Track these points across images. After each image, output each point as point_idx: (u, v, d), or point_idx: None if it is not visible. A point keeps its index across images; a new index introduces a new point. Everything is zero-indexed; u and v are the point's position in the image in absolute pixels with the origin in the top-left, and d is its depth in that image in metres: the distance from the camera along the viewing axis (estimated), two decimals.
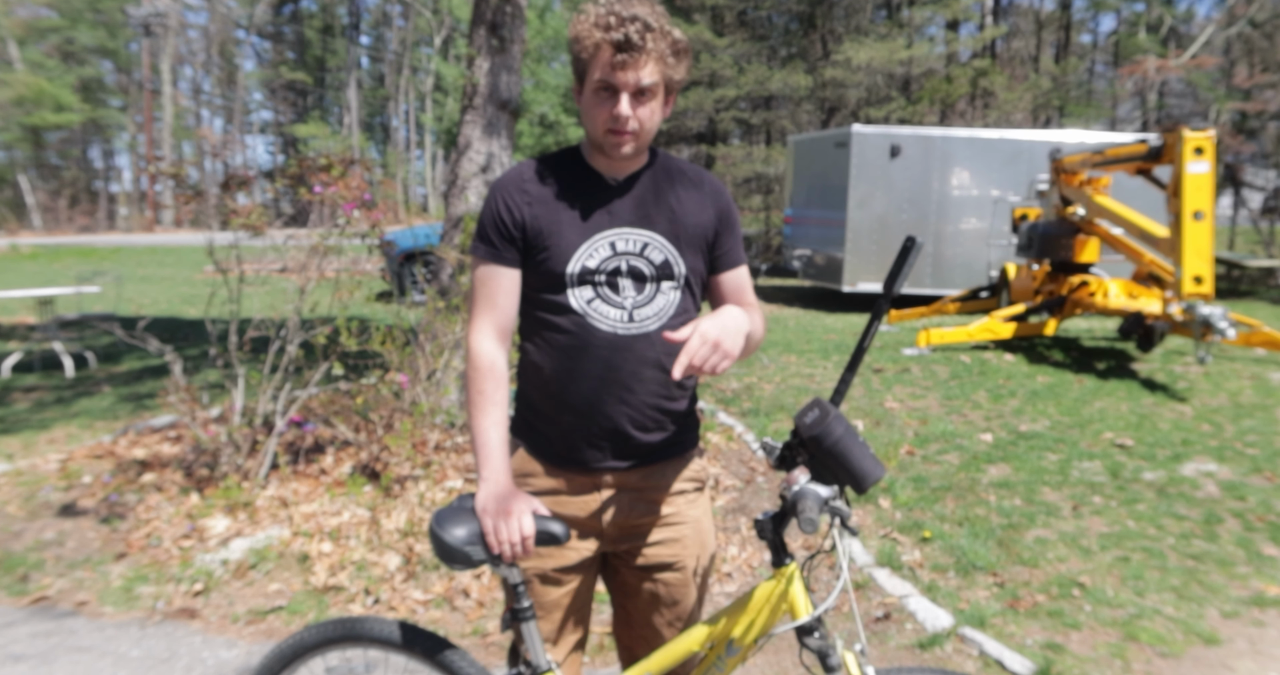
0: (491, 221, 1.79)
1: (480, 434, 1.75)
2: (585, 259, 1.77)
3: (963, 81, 22.07)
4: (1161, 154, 7.43)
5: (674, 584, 1.94)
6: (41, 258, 21.72)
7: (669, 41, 1.69)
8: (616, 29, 1.64)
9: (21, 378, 7.78)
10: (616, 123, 1.70)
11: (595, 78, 1.69)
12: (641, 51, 1.65)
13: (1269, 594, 3.66)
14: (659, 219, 1.82)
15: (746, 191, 23.65)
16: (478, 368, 1.78)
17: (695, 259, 1.85)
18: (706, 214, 1.87)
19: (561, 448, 1.84)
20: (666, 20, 1.70)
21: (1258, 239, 18.37)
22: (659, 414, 1.85)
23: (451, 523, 1.69)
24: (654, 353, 1.80)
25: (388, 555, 3.90)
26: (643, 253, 1.80)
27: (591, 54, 1.69)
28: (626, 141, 1.73)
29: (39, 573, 3.91)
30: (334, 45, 51.09)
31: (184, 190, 4.79)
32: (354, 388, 5.10)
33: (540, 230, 1.77)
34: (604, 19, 1.66)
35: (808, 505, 1.58)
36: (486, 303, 1.80)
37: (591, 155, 1.82)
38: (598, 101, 1.71)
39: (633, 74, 1.67)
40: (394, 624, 1.87)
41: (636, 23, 1.65)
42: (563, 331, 1.79)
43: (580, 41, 1.70)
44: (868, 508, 4.58)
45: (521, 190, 1.79)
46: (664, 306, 1.81)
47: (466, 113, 5.55)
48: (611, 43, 1.65)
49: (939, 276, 12.63)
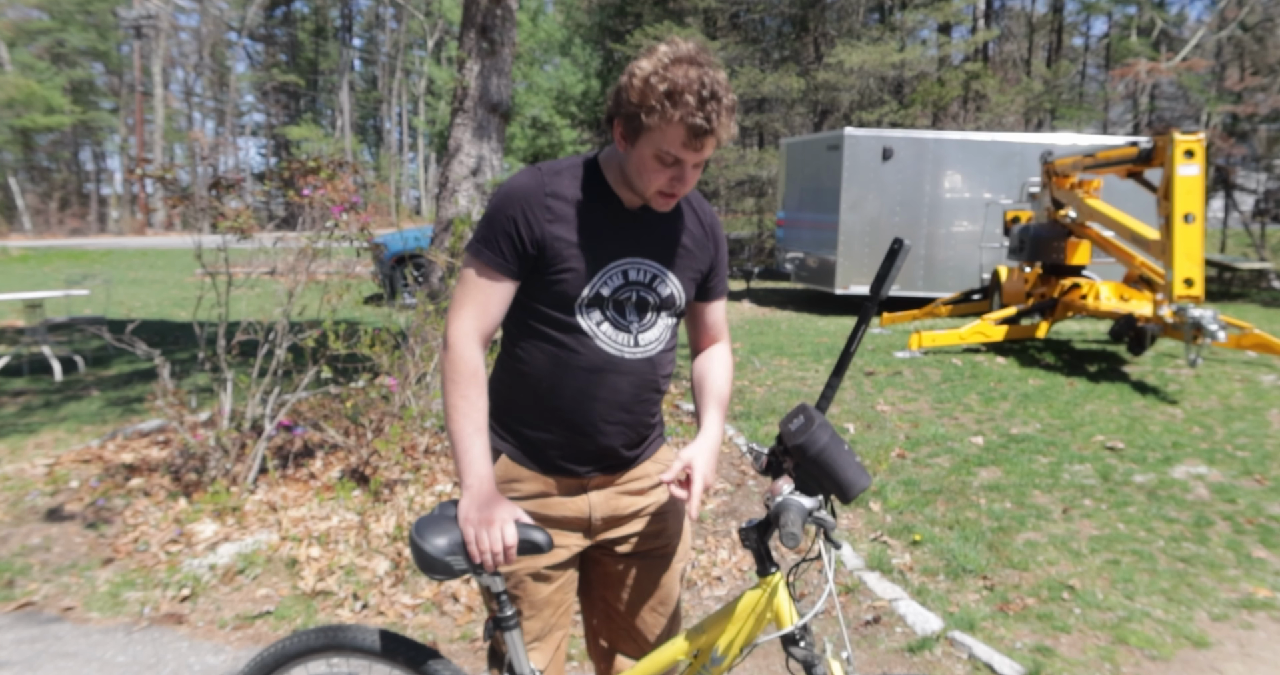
0: (505, 231, 1.72)
1: (463, 439, 1.72)
2: (600, 286, 1.77)
3: (955, 84, 22.12)
4: (1152, 157, 7.45)
5: (658, 568, 1.98)
6: (31, 261, 21.62)
7: (732, 113, 1.66)
8: (698, 112, 1.60)
9: (9, 381, 7.73)
10: (673, 189, 1.72)
11: (663, 148, 1.65)
12: (713, 133, 1.64)
13: (1258, 596, 3.67)
14: (670, 253, 1.84)
15: (739, 194, 23.67)
16: (462, 371, 1.74)
17: (692, 290, 1.91)
18: (708, 251, 1.91)
19: (550, 457, 1.84)
20: (728, 84, 1.65)
21: (1249, 242, 18.42)
22: (646, 430, 1.91)
23: (432, 532, 1.66)
24: (653, 375, 1.85)
25: (376, 560, 3.88)
26: (651, 284, 1.82)
27: (660, 127, 1.63)
28: (675, 201, 1.77)
29: (24, 578, 3.88)
30: (326, 48, 51.02)
31: (172, 193, 4.76)
32: (343, 391, 5.07)
33: (559, 253, 1.74)
34: (682, 98, 1.60)
35: (790, 518, 1.57)
36: (478, 308, 1.76)
37: (616, 183, 1.79)
38: (659, 166, 1.69)
39: (704, 151, 1.67)
40: (376, 633, 1.86)
41: (714, 104, 1.61)
42: (568, 349, 1.79)
43: (649, 109, 1.62)
44: (858, 511, 4.57)
45: (545, 206, 1.73)
46: (661, 332, 1.86)
47: (457, 116, 5.54)
48: (690, 127, 1.61)
49: (931, 279, 12.65)
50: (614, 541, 1.94)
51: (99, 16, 40.82)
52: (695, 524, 4.38)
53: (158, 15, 38.00)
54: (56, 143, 43.17)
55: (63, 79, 39.61)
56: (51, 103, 37.25)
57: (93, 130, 45.61)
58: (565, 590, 1.94)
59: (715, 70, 1.63)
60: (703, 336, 2.02)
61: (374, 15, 51.14)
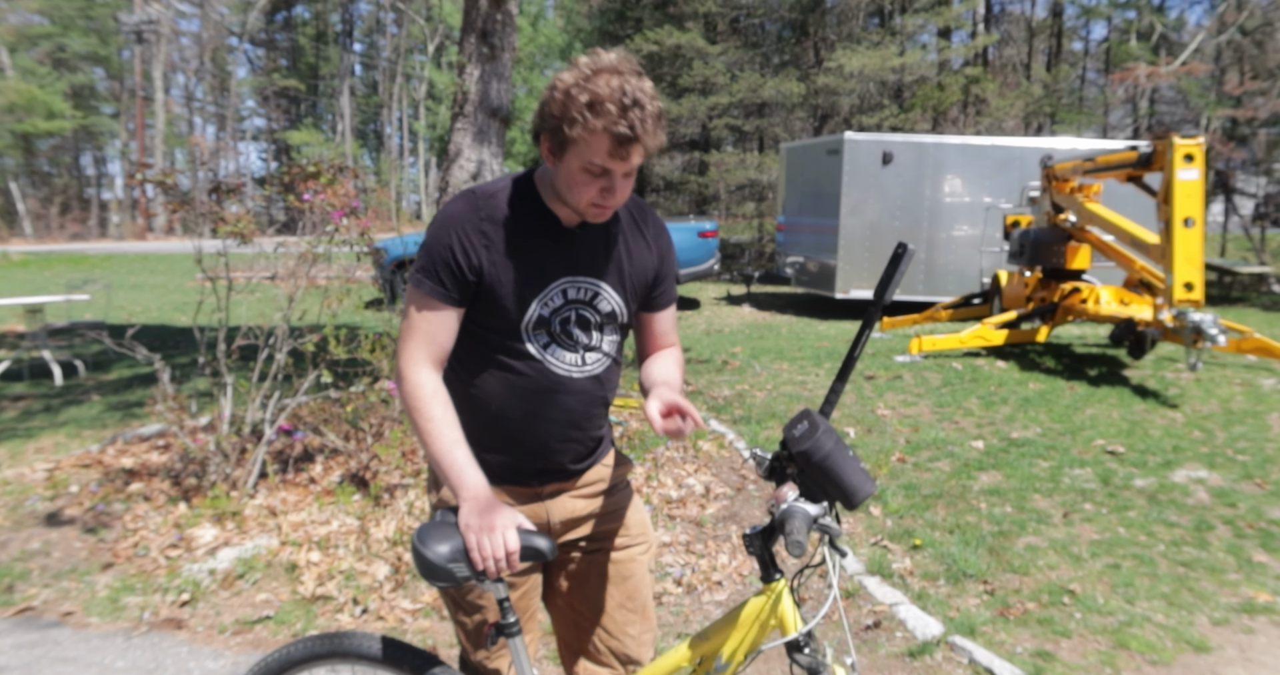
0: (444, 261, 1.72)
1: (445, 456, 1.69)
2: (540, 309, 1.76)
3: (955, 89, 22.13)
4: (1152, 161, 7.46)
5: (622, 561, 1.98)
6: (32, 265, 21.63)
7: (658, 122, 1.64)
8: (620, 121, 1.58)
9: (10, 386, 7.73)
10: (605, 200, 1.69)
11: (590, 160, 1.63)
12: (639, 141, 1.62)
13: (1259, 601, 3.66)
14: (609, 268, 1.83)
15: (739, 198, 23.69)
16: (422, 396, 1.72)
17: (634, 304, 1.90)
18: (651, 260, 1.89)
19: (505, 473, 1.85)
20: (653, 91, 1.64)
21: (1249, 246, 18.42)
22: (595, 443, 1.93)
23: (434, 539, 1.64)
24: (601, 391, 1.87)
25: (376, 564, 3.87)
26: (592, 301, 1.81)
27: (585, 138, 1.61)
28: (607, 214, 1.74)
29: (24, 583, 3.88)
30: (327, 52, 51.06)
31: (172, 197, 4.77)
32: (343, 396, 5.07)
33: (498, 279, 1.73)
34: (604, 104, 1.58)
35: (795, 526, 1.55)
36: (425, 338, 1.74)
37: (551, 200, 1.77)
38: (588, 179, 1.66)
39: (629, 162, 1.65)
40: (378, 639, 1.86)
41: (638, 111, 1.59)
42: (518, 374, 1.79)
43: (571, 121, 1.61)
44: (858, 515, 4.57)
45: (479, 231, 1.72)
46: (608, 349, 1.87)
47: (457, 120, 5.55)
48: (614, 136, 1.60)
49: (931, 283, 12.65)
50: (575, 541, 1.96)
51: (100, 21, 40.87)
52: (697, 528, 4.38)
53: (159, 20, 38.04)
54: (57, 147, 43.18)
55: (64, 84, 39.63)
56: (52, 107, 37.27)
57: (93, 135, 45.62)
58: (529, 596, 1.96)
59: (639, 79, 1.62)
60: (650, 344, 2.00)
61: (375, 20, 51.21)
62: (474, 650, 1.96)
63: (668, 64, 22.32)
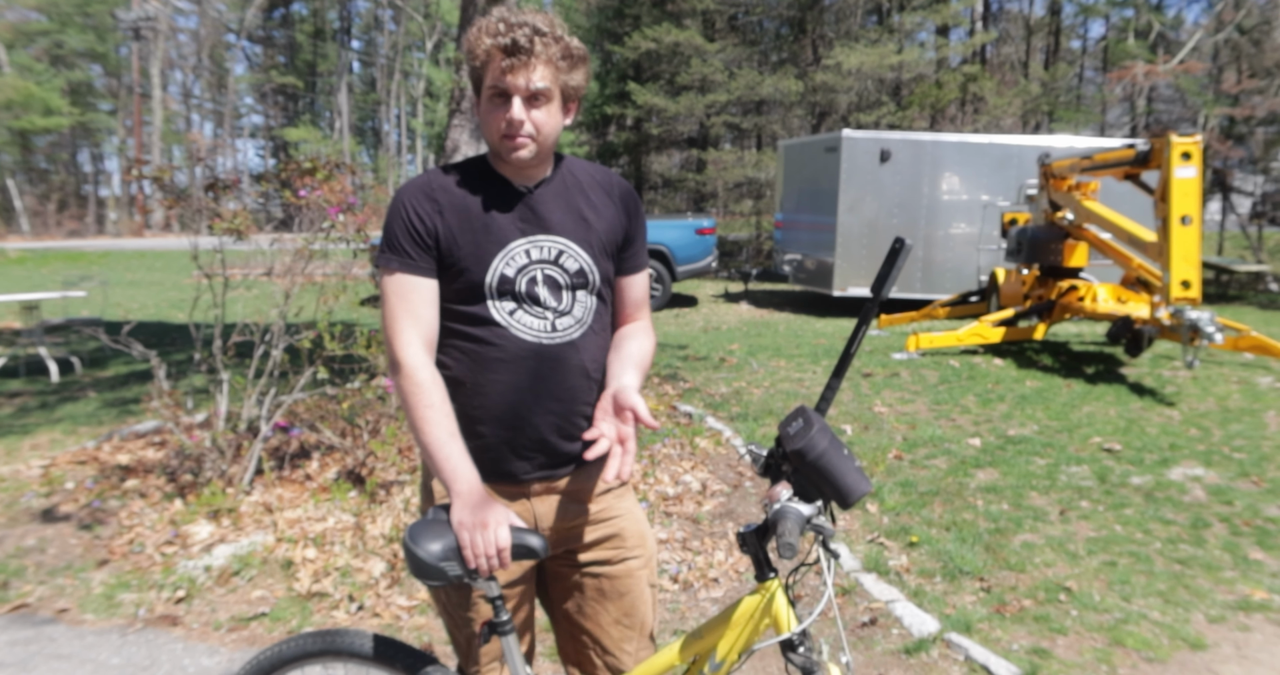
0: (404, 230, 1.73)
1: (440, 448, 1.66)
2: (503, 267, 1.74)
3: (952, 87, 22.15)
4: (1149, 159, 7.46)
5: (618, 576, 1.91)
6: (29, 262, 21.59)
7: (561, 46, 1.69)
8: (505, 34, 1.65)
9: (5, 383, 7.72)
10: (510, 128, 1.69)
11: (488, 84, 1.70)
12: (531, 55, 1.66)
13: (1255, 598, 3.66)
14: (572, 225, 1.80)
15: (737, 196, 23.70)
16: (418, 382, 1.68)
17: (607, 264, 1.85)
18: (618, 218, 1.87)
19: (487, 460, 1.77)
20: (562, 28, 1.71)
21: (1246, 244, 18.43)
22: (584, 421, 1.83)
23: (426, 537, 1.62)
24: (579, 360, 1.80)
25: (372, 561, 3.87)
26: (557, 261, 1.78)
27: (484, 61, 1.69)
28: (522, 146, 1.72)
29: (19, 580, 3.87)
30: (325, 49, 50.99)
31: (168, 194, 4.75)
32: (340, 392, 5.07)
33: (454, 241, 1.73)
34: (493, 27, 1.67)
35: (788, 527, 1.53)
36: (409, 315, 1.72)
37: (498, 163, 1.79)
38: (492, 108, 1.71)
39: (523, 77, 1.66)
40: (371, 637, 1.85)
41: (525, 27, 1.66)
42: (484, 343, 1.75)
43: (473, 52, 1.69)
44: (854, 513, 4.57)
45: (430, 198, 1.75)
46: (582, 315, 1.81)
47: (454, 117, 5.54)
48: (500, 48, 1.66)
49: (928, 281, 12.66)
50: (570, 553, 1.89)
51: (97, 18, 40.78)
52: (693, 525, 4.38)
53: (156, 17, 37.96)
54: (54, 144, 43.12)
55: (61, 81, 39.53)
56: (50, 104, 37.18)
57: (91, 132, 45.56)
58: (523, 609, 1.90)
59: (535, 15, 1.69)
60: (619, 313, 1.94)
61: (372, 17, 51.17)
62: (468, 664, 1.92)
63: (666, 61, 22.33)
